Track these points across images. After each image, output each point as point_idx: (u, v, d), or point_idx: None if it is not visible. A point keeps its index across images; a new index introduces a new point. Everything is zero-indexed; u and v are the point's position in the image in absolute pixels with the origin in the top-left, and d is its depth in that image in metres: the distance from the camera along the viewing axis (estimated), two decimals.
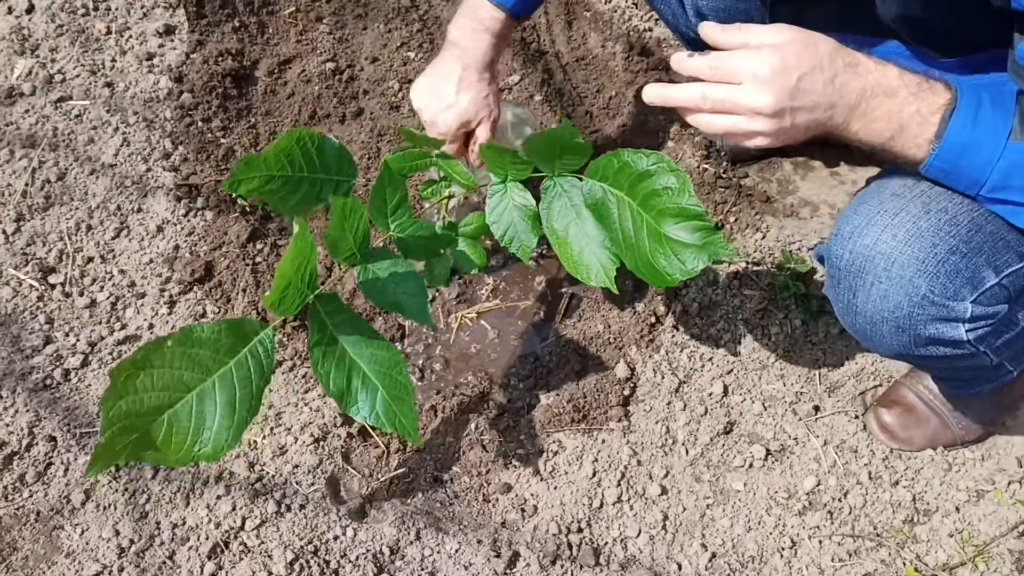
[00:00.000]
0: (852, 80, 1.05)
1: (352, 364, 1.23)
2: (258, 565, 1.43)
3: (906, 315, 1.14)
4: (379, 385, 1.23)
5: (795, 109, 1.05)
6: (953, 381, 1.50)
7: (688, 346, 1.70)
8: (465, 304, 1.79)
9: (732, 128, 1.09)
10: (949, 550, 1.50)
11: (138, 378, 1.10)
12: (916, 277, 1.11)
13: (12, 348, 1.62)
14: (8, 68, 1.95)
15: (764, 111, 1.05)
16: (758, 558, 1.49)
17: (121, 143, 1.87)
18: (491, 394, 1.64)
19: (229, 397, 1.15)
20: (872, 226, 1.14)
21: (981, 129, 1.02)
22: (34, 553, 1.44)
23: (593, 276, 1.39)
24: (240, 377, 1.16)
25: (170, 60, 2.01)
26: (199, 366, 1.14)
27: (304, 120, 1.98)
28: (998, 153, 1.03)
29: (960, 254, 1.11)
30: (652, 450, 1.59)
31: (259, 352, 1.18)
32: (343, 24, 2.10)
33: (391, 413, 1.23)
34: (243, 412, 1.16)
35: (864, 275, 1.16)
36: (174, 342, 1.12)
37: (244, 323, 1.17)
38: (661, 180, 1.28)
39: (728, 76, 1.06)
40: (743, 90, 1.05)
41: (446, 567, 1.46)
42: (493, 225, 1.44)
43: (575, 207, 1.40)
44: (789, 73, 1.03)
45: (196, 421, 1.14)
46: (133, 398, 1.10)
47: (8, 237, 1.75)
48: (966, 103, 1.03)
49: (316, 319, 1.22)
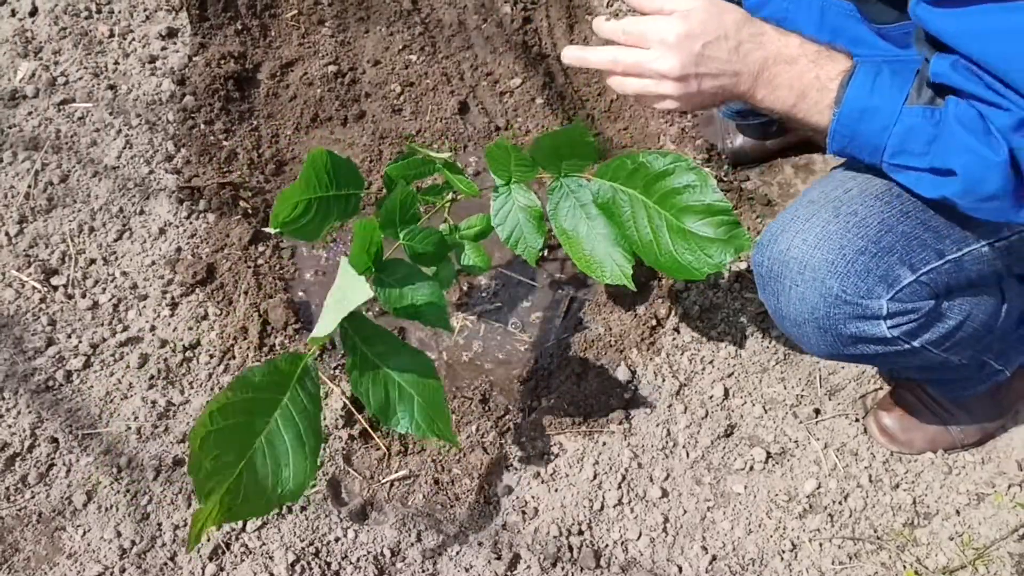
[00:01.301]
0: (756, 50, 1.10)
1: (387, 377, 1.24)
2: (259, 567, 1.43)
3: (824, 315, 1.17)
4: (414, 394, 1.25)
5: (700, 75, 1.10)
6: (941, 384, 1.50)
7: (689, 349, 1.70)
8: (467, 307, 1.79)
9: (642, 90, 1.15)
10: (949, 553, 1.50)
11: (211, 439, 1.11)
12: (828, 278, 1.14)
13: (14, 349, 1.62)
14: (11, 70, 1.96)
15: (669, 75, 1.11)
16: (758, 560, 1.49)
17: (124, 145, 1.88)
18: (492, 396, 1.65)
19: (295, 433, 1.18)
20: (785, 232, 1.19)
21: (878, 94, 1.06)
22: (36, 554, 1.44)
23: (608, 274, 1.41)
24: (298, 410, 1.19)
25: (172, 63, 2.01)
26: (260, 408, 1.16)
27: (306, 123, 1.98)
28: (894, 118, 1.05)
29: (869, 254, 1.14)
30: (653, 453, 1.59)
31: (307, 383, 1.20)
32: (345, 27, 2.11)
33: (429, 420, 1.25)
34: (312, 442, 1.19)
35: (782, 279, 1.20)
36: (235, 391, 1.14)
37: (281, 360, 1.19)
38: (681, 179, 1.31)
39: (637, 40, 1.12)
40: (650, 55, 1.11)
41: (447, 569, 1.46)
42: (498, 227, 1.45)
43: (584, 207, 1.42)
44: (694, 40, 1.09)
45: (272, 462, 1.16)
46: (213, 457, 1.11)
47: (11, 239, 1.75)
48: (865, 70, 1.07)
49: (349, 341, 1.24)
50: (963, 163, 1.01)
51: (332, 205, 1.34)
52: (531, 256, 1.46)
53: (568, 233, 1.43)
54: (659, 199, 1.35)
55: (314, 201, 1.32)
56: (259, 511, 1.16)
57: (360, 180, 1.42)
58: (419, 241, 1.37)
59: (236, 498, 1.13)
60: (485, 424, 1.61)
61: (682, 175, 1.31)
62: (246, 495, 1.14)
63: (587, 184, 1.41)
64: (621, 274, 1.40)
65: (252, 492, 1.14)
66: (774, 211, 1.90)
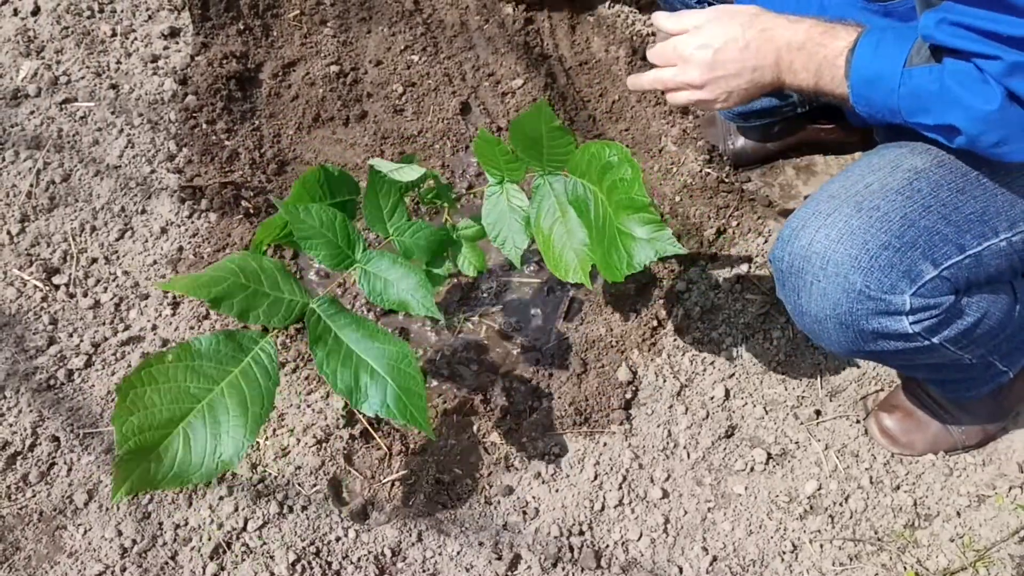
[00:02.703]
0: (765, 43, 1.20)
1: (359, 361, 1.24)
2: (260, 566, 1.43)
3: (846, 311, 1.18)
4: (388, 379, 1.24)
5: (720, 78, 1.23)
6: (946, 384, 1.50)
7: (690, 350, 1.70)
8: (467, 307, 1.79)
9: (687, 100, 1.29)
10: (950, 555, 1.50)
11: (145, 394, 1.11)
12: (851, 273, 1.15)
13: (16, 348, 1.62)
14: (13, 69, 1.96)
15: (695, 84, 1.25)
16: (759, 562, 1.49)
17: (125, 145, 1.88)
18: (493, 396, 1.65)
19: (240, 400, 1.17)
20: (807, 228, 1.20)
21: (880, 60, 1.11)
22: (37, 553, 1.44)
23: (571, 273, 1.39)
24: (248, 381, 1.18)
25: (175, 62, 2.01)
26: (204, 377, 1.16)
27: (308, 123, 1.98)
28: (897, 80, 1.10)
29: (893, 249, 1.14)
30: (654, 453, 1.59)
31: (263, 359, 1.20)
32: (347, 27, 2.11)
33: (402, 405, 1.24)
34: (256, 409, 1.18)
35: (804, 275, 1.20)
36: (174, 357, 1.14)
37: (240, 335, 1.20)
38: (621, 171, 1.31)
39: (665, 60, 1.28)
40: (676, 70, 1.27)
41: (447, 569, 1.46)
42: (488, 226, 1.45)
43: (561, 205, 1.41)
44: (706, 49, 1.22)
45: (212, 429, 1.15)
46: (144, 413, 1.11)
47: (13, 238, 1.75)
48: (866, 41, 1.13)
49: (316, 322, 1.24)
50: (960, 118, 1.06)
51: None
52: (516, 256, 1.45)
53: (544, 232, 1.41)
54: (606, 192, 1.33)
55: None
56: (193, 479, 1.14)
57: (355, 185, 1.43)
58: (409, 234, 1.37)
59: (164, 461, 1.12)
60: (486, 424, 1.61)
61: (622, 167, 1.30)
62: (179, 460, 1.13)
63: (564, 180, 1.40)
64: (581, 272, 1.38)
65: (185, 458, 1.13)
66: (775, 212, 1.90)
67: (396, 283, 1.29)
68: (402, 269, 1.29)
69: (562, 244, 1.41)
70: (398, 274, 1.29)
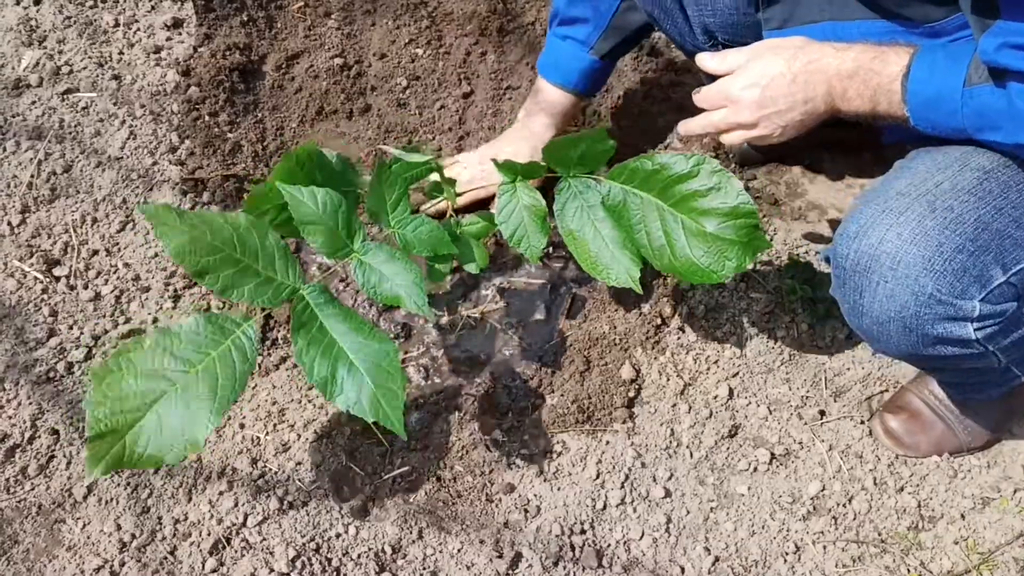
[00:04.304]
0: (815, 74, 1.18)
1: (339, 353, 1.24)
2: (260, 562, 1.42)
3: (913, 314, 1.15)
4: (366, 375, 1.23)
5: (772, 114, 1.21)
6: (960, 386, 1.49)
7: (694, 348, 1.69)
8: (469, 304, 1.78)
9: (743, 139, 1.28)
10: (954, 557, 1.49)
11: (121, 378, 1.12)
12: (922, 276, 1.11)
13: (16, 340, 1.61)
14: (15, 59, 1.95)
15: (746, 124, 1.24)
16: (761, 562, 1.49)
17: (127, 136, 1.87)
18: (495, 394, 1.64)
19: (212, 383, 1.17)
20: (877, 225, 1.16)
21: (937, 82, 1.10)
22: (35, 546, 1.43)
23: (614, 277, 1.42)
24: (224, 366, 1.19)
25: (177, 54, 2.00)
26: (182, 361, 1.16)
27: (311, 116, 1.97)
28: (958, 101, 1.08)
29: (967, 252, 1.11)
30: (656, 452, 1.58)
31: (242, 342, 1.21)
32: (351, 20, 2.10)
33: (376, 403, 1.23)
34: (225, 393, 1.19)
35: (870, 275, 1.16)
36: (152, 342, 1.15)
37: (223, 318, 1.21)
38: (703, 180, 1.33)
39: (714, 104, 1.27)
40: (727, 112, 1.25)
41: (448, 567, 1.45)
42: (502, 225, 1.45)
43: (591, 208, 1.41)
44: (754, 88, 1.21)
45: (183, 412, 1.16)
46: (118, 397, 1.13)
47: (13, 228, 1.74)
48: (920, 63, 1.11)
49: (303, 309, 1.23)
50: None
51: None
52: (534, 255, 1.46)
53: (575, 234, 1.43)
54: (677, 202, 1.35)
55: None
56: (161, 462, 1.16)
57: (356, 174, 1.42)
58: (411, 228, 1.36)
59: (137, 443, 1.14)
60: (488, 421, 1.60)
61: (705, 177, 1.33)
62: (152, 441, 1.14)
63: (596, 185, 1.41)
64: (629, 278, 1.41)
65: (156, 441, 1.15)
66: (780, 211, 1.89)
67: (391, 277, 1.28)
68: (399, 264, 1.28)
69: (598, 247, 1.42)
70: (394, 268, 1.28)
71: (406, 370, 1.68)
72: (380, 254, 1.29)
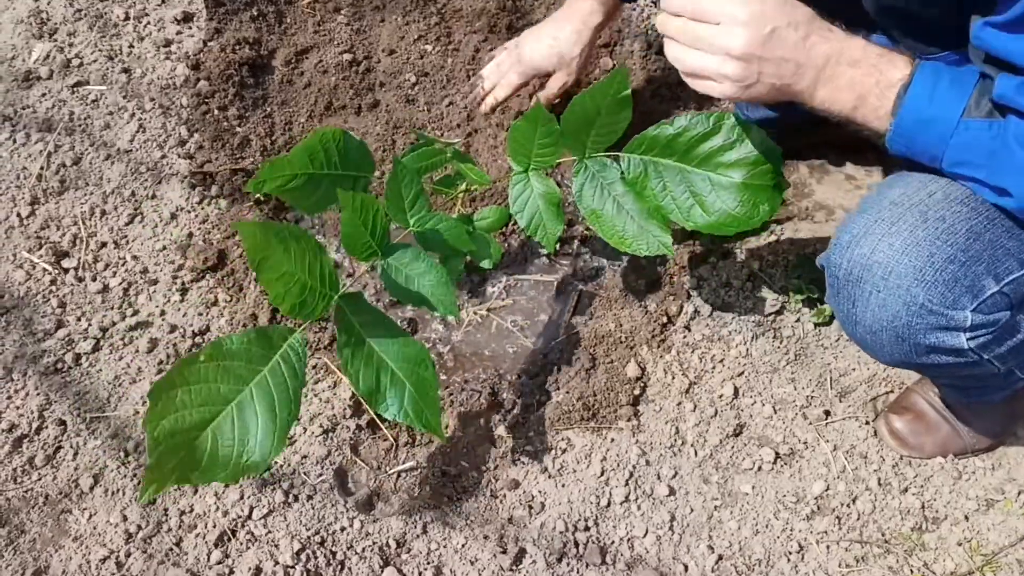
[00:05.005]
0: (822, 43, 1.08)
1: (380, 362, 1.23)
2: (264, 554, 1.43)
3: (905, 324, 1.14)
4: (407, 382, 1.23)
5: (763, 59, 1.08)
6: (963, 390, 1.49)
7: (699, 347, 1.70)
8: (476, 300, 1.78)
9: (702, 67, 1.11)
10: (957, 559, 1.49)
11: (176, 396, 1.10)
12: (914, 286, 1.11)
13: (24, 331, 1.62)
14: (26, 51, 1.95)
15: (734, 52, 1.08)
16: (765, 561, 1.49)
17: (137, 129, 1.88)
18: (501, 390, 1.64)
19: (268, 403, 1.16)
20: (869, 235, 1.15)
21: (936, 105, 1.05)
22: (41, 536, 1.44)
23: (645, 247, 1.45)
24: (276, 383, 1.17)
25: (187, 47, 2.01)
26: (234, 377, 1.15)
27: (320, 111, 1.97)
28: (951, 130, 1.04)
29: (958, 263, 1.11)
30: (661, 450, 1.59)
31: (291, 357, 1.18)
32: (361, 15, 2.10)
33: (419, 410, 1.24)
34: (284, 415, 1.17)
35: (862, 284, 1.16)
36: (206, 357, 1.13)
37: (271, 331, 1.19)
38: (725, 135, 1.39)
39: (707, 16, 1.09)
40: (718, 30, 1.08)
41: (452, 562, 1.46)
42: (518, 215, 1.46)
43: (609, 186, 1.45)
44: (764, 22, 1.06)
45: (240, 431, 1.14)
46: (175, 416, 1.11)
47: (23, 220, 1.75)
48: (922, 79, 1.05)
49: (343, 320, 1.23)
50: (1018, 183, 1.01)
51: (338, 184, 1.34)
52: (550, 242, 1.48)
53: (598, 213, 1.46)
54: (701, 161, 1.41)
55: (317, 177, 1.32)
56: (218, 479, 1.14)
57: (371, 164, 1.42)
58: (430, 226, 1.36)
59: (193, 461, 1.12)
60: (493, 417, 1.61)
61: (727, 132, 1.39)
62: (207, 461, 1.13)
63: (612, 164, 1.43)
64: (660, 245, 1.44)
65: (212, 458, 1.13)
66: (788, 211, 1.89)
67: (418, 279, 1.27)
68: (425, 264, 1.27)
69: (623, 222, 1.46)
70: (420, 269, 1.27)
71: None
72: (406, 255, 1.28)
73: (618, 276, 1.78)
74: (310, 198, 1.34)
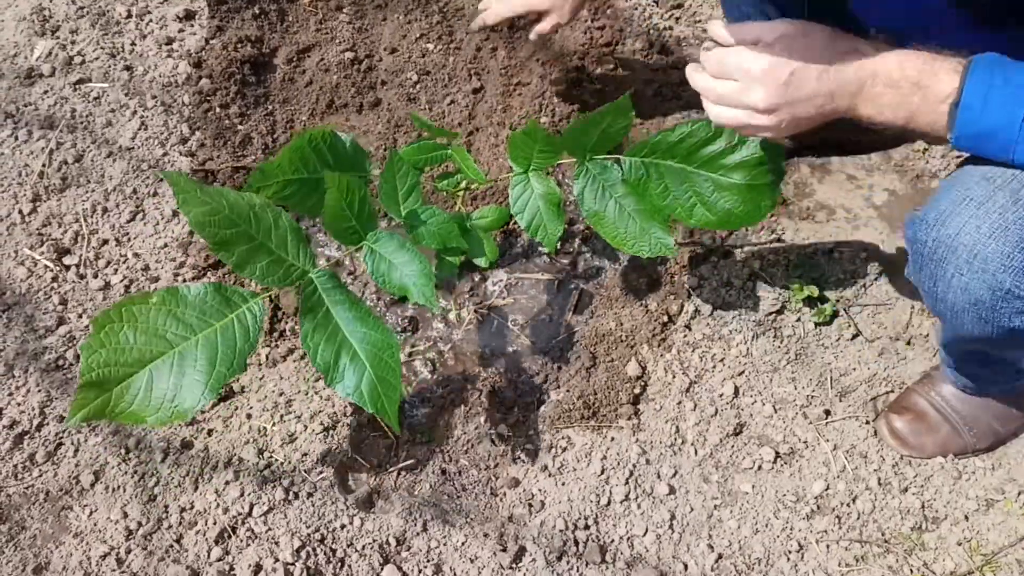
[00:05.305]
0: (847, 68, 1.07)
1: (343, 341, 1.24)
2: (265, 551, 1.43)
3: (989, 308, 1.11)
4: (368, 365, 1.24)
5: (791, 103, 1.09)
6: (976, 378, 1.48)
7: (700, 346, 1.70)
8: (477, 298, 1.78)
9: (736, 122, 1.15)
10: (957, 558, 1.49)
11: (120, 330, 1.12)
12: (1000, 272, 1.06)
13: (25, 328, 1.63)
14: (28, 49, 1.96)
15: (758, 108, 1.11)
16: (764, 560, 1.49)
17: (139, 127, 1.88)
18: (501, 388, 1.64)
19: (210, 357, 1.17)
20: (956, 215, 1.10)
21: (993, 116, 1.01)
22: (42, 532, 1.44)
23: (648, 248, 1.47)
24: (225, 340, 1.18)
25: (189, 45, 2.01)
26: (184, 325, 1.16)
27: (321, 109, 1.98)
28: (1014, 137, 1.01)
29: None
30: (661, 449, 1.59)
31: (247, 319, 1.20)
32: (363, 14, 2.10)
33: (375, 394, 1.24)
34: (222, 369, 1.18)
35: (945, 265, 1.12)
36: (159, 300, 1.14)
37: (231, 289, 1.20)
38: (726, 140, 1.40)
39: (725, 73, 1.12)
40: (739, 87, 1.11)
41: (452, 559, 1.46)
42: (518, 215, 1.46)
43: (611, 187, 1.46)
44: (779, 70, 1.08)
45: (175, 378, 1.16)
46: (114, 348, 1.12)
47: (24, 217, 1.75)
48: (972, 91, 1.02)
49: (310, 294, 1.23)
50: None
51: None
52: (550, 242, 1.48)
53: (600, 215, 1.47)
54: (703, 164, 1.42)
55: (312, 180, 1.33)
56: (147, 421, 1.16)
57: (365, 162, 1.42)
58: (421, 220, 1.36)
59: (124, 397, 1.14)
60: (493, 416, 1.61)
61: (727, 137, 1.40)
62: (139, 399, 1.15)
63: (613, 166, 1.44)
64: (663, 246, 1.46)
65: (145, 399, 1.15)
66: (789, 210, 1.89)
67: (400, 267, 1.28)
68: (408, 254, 1.29)
69: (624, 223, 1.47)
70: (404, 258, 1.28)
71: (413, 363, 1.69)
72: (390, 243, 1.29)
73: (619, 275, 1.78)
74: (307, 202, 1.35)
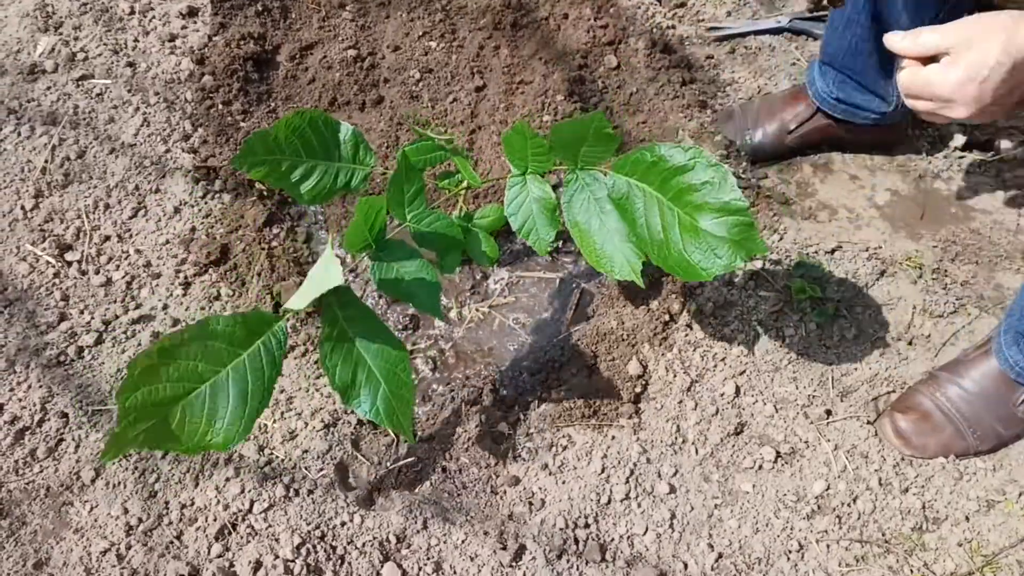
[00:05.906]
0: None
1: (359, 359, 1.24)
2: (265, 548, 1.43)
3: None
4: (383, 381, 1.24)
5: (994, 103, 1.10)
6: None
7: (701, 345, 1.69)
8: (478, 297, 1.78)
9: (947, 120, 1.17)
10: (957, 559, 1.49)
11: (156, 370, 1.11)
12: None
13: (27, 324, 1.63)
14: (31, 45, 1.96)
15: (962, 119, 1.13)
16: (764, 560, 1.49)
17: (141, 123, 1.88)
18: (502, 387, 1.64)
19: (242, 389, 1.17)
20: None
21: None
22: (43, 528, 1.45)
23: (617, 269, 1.39)
24: (253, 369, 1.18)
25: (192, 42, 2.01)
26: (214, 358, 1.16)
27: (324, 106, 1.98)
28: None
29: None
30: (662, 448, 1.59)
31: (272, 344, 1.20)
32: (366, 12, 2.10)
33: (391, 410, 1.24)
34: (255, 404, 1.18)
35: None
36: (191, 335, 1.14)
37: (258, 316, 1.19)
38: (699, 175, 1.29)
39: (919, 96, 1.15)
40: (938, 106, 1.14)
41: (452, 557, 1.46)
42: (511, 217, 1.44)
43: (598, 201, 1.40)
44: (969, 85, 1.09)
45: (209, 411, 1.16)
46: (150, 389, 1.11)
47: (26, 213, 1.75)
48: None
49: (329, 313, 1.23)
50: None
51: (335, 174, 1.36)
52: (542, 247, 1.46)
53: (580, 226, 1.42)
54: (674, 195, 1.32)
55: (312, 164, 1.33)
56: (180, 450, 1.16)
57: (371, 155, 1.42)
58: (425, 223, 1.36)
59: (161, 433, 1.13)
60: (494, 414, 1.61)
61: (701, 171, 1.29)
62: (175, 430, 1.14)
63: (603, 178, 1.40)
64: (631, 270, 1.38)
65: (179, 431, 1.15)
66: (791, 210, 1.89)
67: (408, 276, 1.28)
68: (416, 262, 1.29)
69: (603, 240, 1.40)
70: (411, 269, 1.28)
71: (414, 362, 1.69)
72: (399, 251, 1.29)
73: None
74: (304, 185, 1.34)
